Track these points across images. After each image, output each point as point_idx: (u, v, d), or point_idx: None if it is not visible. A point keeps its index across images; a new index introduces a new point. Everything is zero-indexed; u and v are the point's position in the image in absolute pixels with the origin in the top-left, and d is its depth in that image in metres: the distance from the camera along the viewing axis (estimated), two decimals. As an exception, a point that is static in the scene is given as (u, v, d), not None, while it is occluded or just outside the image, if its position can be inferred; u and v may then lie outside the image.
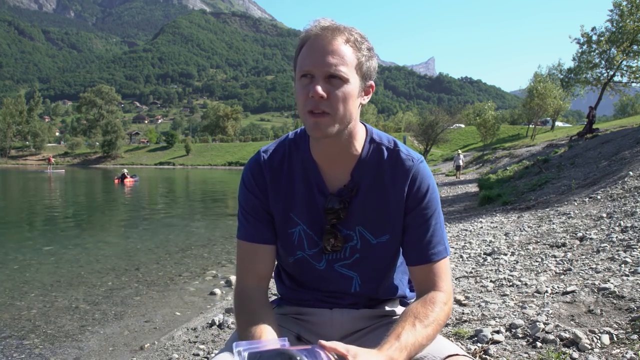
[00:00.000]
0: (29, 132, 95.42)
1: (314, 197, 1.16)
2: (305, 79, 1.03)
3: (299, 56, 1.06)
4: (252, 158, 1.22)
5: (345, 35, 1.03)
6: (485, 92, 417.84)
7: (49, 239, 8.71)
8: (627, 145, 10.93)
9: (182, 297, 4.86)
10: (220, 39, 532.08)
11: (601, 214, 5.38)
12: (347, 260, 1.18)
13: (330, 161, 1.15)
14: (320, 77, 1.01)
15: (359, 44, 1.05)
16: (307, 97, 1.02)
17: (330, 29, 1.03)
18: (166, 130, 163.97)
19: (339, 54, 1.02)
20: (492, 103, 54.60)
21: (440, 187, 19.49)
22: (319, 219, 1.17)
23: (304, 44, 1.05)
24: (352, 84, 1.04)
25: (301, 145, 1.18)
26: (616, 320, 2.35)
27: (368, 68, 1.07)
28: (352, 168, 1.15)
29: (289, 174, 1.18)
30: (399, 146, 1.17)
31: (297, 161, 1.18)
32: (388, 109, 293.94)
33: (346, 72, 1.02)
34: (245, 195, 1.19)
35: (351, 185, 1.15)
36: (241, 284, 1.18)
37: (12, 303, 4.63)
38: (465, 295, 3.22)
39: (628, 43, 22.78)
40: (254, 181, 1.18)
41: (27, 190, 23.89)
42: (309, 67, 1.02)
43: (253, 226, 1.18)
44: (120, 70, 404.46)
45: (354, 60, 1.04)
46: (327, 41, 1.02)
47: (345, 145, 1.12)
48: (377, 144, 1.17)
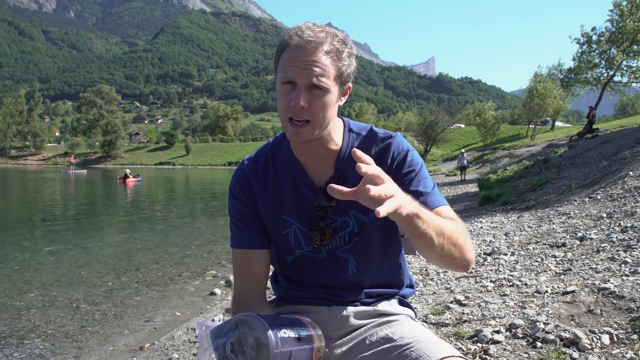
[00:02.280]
0: (29, 132, 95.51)
1: (303, 194, 1.20)
2: (287, 85, 1.06)
3: (280, 60, 1.08)
4: (237, 168, 1.27)
5: (327, 45, 1.05)
6: (485, 92, 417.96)
7: (50, 239, 8.70)
8: (627, 145, 10.93)
9: (182, 297, 4.86)
10: (220, 39, 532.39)
11: (601, 214, 5.38)
12: (347, 245, 1.22)
13: (313, 158, 1.19)
14: (302, 86, 1.04)
15: (340, 53, 1.07)
16: (288, 104, 1.06)
17: (313, 38, 1.04)
18: (166, 130, 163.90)
19: (320, 66, 1.04)
20: (492, 103, 54.60)
21: (441, 187, 19.48)
22: (311, 215, 1.19)
23: (285, 48, 1.07)
24: (332, 93, 1.08)
25: (283, 147, 1.23)
26: (616, 320, 2.35)
27: (348, 74, 1.11)
28: (334, 160, 1.19)
29: (275, 177, 1.22)
30: (375, 129, 1.23)
31: (281, 163, 1.22)
32: (388, 109, 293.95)
33: (327, 82, 1.05)
34: (234, 205, 1.24)
35: (337, 176, 1.18)
36: (238, 288, 1.22)
37: (12, 303, 4.63)
38: (465, 295, 3.22)
39: (628, 43, 22.78)
40: (241, 190, 1.23)
41: (49, 191, 23.87)
42: (291, 76, 1.05)
43: (245, 233, 1.22)
44: (120, 70, 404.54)
45: (335, 71, 1.07)
46: (309, 52, 1.04)
47: (326, 142, 1.17)
48: (356, 133, 1.22)
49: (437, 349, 1.05)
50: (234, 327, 0.82)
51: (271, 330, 0.81)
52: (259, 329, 0.80)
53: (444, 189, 17.40)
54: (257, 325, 0.81)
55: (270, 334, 0.80)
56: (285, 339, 0.82)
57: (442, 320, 2.72)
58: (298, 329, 0.86)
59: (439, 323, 2.69)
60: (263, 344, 0.79)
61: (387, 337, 1.14)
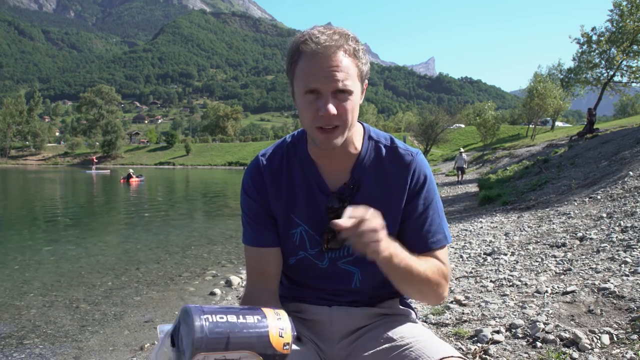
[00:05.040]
0: (29, 132, 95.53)
1: (315, 196, 1.18)
2: (311, 95, 1.04)
3: (296, 70, 1.06)
4: (251, 163, 1.24)
5: (344, 46, 1.04)
6: (485, 92, 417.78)
7: (51, 238, 8.71)
8: (627, 145, 10.93)
9: (182, 297, 4.86)
10: (220, 39, 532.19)
11: (601, 214, 5.38)
12: (350, 257, 1.20)
13: (329, 161, 1.17)
14: (328, 94, 1.03)
15: (357, 52, 1.06)
16: (315, 114, 1.04)
17: (331, 43, 1.02)
18: (166, 130, 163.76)
19: (343, 69, 1.02)
20: (492, 103, 54.59)
21: (441, 187, 19.48)
22: (321, 218, 1.17)
23: (300, 56, 1.05)
24: (356, 94, 1.07)
25: (299, 146, 1.20)
26: (616, 320, 2.35)
27: (366, 72, 1.10)
28: (352, 166, 1.17)
29: (289, 176, 1.19)
30: (396, 142, 1.20)
31: (295, 163, 1.19)
32: (388, 109, 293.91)
33: (351, 85, 1.04)
34: (246, 201, 1.21)
35: (352, 182, 1.16)
36: (249, 286, 1.20)
37: (12, 303, 4.63)
38: (465, 295, 3.22)
39: (628, 43, 22.78)
40: (254, 186, 1.20)
41: (77, 192, 23.87)
42: (315, 85, 1.02)
43: (257, 231, 1.20)
44: (120, 70, 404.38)
45: (356, 70, 1.05)
46: (329, 57, 1.02)
47: (345, 146, 1.14)
48: (375, 142, 1.20)
49: (436, 349, 1.05)
50: (177, 319, 0.81)
51: (202, 315, 0.77)
52: (189, 315, 0.77)
53: (443, 189, 17.40)
54: (190, 312, 0.77)
55: (195, 319, 0.76)
56: (217, 323, 0.77)
57: (442, 320, 2.72)
58: (246, 315, 0.80)
59: (439, 323, 2.70)
60: (190, 329, 0.75)
61: (388, 337, 1.14)
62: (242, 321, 0.79)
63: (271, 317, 0.81)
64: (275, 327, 0.80)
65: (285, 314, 0.84)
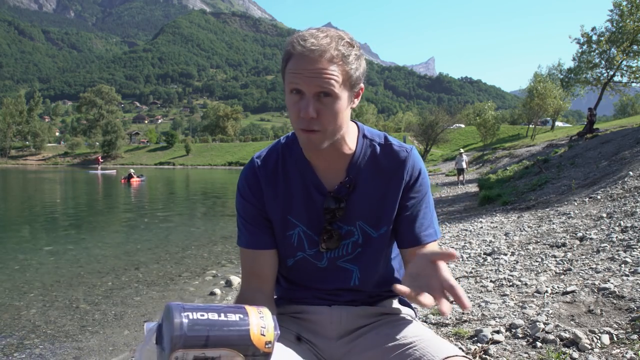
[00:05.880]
0: (29, 132, 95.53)
1: (312, 196, 1.18)
2: (295, 95, 1.04)
3: (286, 69, 1.06)
4: (246, 166, 1.24)
5: (331, 51, 1.02)
6: (485, 92, 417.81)
7: (50, 238, 8.71)
8: (627, 145, 10.93)
9: (182, 297, 4.86)
10: (220, 39, 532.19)
11: (601, 214, 5.38)
12: (349, 255, 1.21)
13: (324, 161, 1.17)
14: (310, 95, 1.02)
15: (346, 57, 1.04)
16: (298, 114, 1.04)
17: (316, 47, 1.01)
18: (166, 130, 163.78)
19: (326, 74, 1.01)
20: (492, 103, 54.65)
21: (441, 187, 19.49)
22: (318, 218, 1.18)
23: (290, 57, 1.05)
24: (341, 99, 1.05)
25: (294, 148, 1.20)
26: (616, 320, 2.35)
27: (357, 77, 1.07)
28: (347, 165, 1.18)
29: (285, 177, 1.19)
30: (390, 140, 1.21)
31: (291, 163, 1.20)
32: (388, 109, 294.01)
33: (334, 89, 1.02)
34: (242, 204, 1.21)
35: (348, 182, 1.17)
36: (244, 288, 1.21)
37: (12, 303, 4.63)
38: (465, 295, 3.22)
39: (628, 43, 22.80)
40: (249, 189, 1.20)
41: (81, 193, 23.86)
42: (297, 85, 1.03)
43: (252, 233, 1.20)
44: (120, 70, 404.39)
45: (341, 76, 1.03)
46: (313, 60, 1.01)
47: (339, 146, 1.15)
48: (370, 140, 1.20)
49: (440, 349, 1.05)
50: (161, 316, 0.81)
51: (182, 312, 0.76)
52: (170, 312, 0.77)
53: (443, 190, 17.41)
54: (171, 309, 0.77)
55: (175, 316, 0.76)
56: (196, 321, 0.76)
57: (442, 320, 2.72)
58: (228, 313, 0.79)
59: (439, 323, 2.70)
60: (170, 326, 0.75)
61: (389, 336, 1.14)
62: (223, 319, 0.78)
63: (253, 315, 0.81)
64: (257, 325, 0.80)
65: (268, 312, 0.83)
